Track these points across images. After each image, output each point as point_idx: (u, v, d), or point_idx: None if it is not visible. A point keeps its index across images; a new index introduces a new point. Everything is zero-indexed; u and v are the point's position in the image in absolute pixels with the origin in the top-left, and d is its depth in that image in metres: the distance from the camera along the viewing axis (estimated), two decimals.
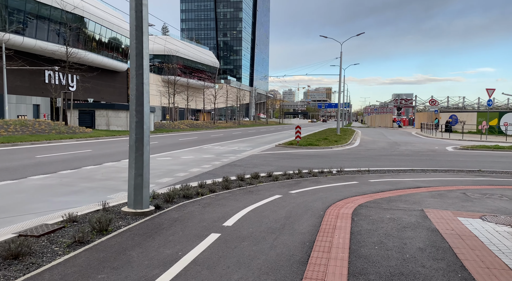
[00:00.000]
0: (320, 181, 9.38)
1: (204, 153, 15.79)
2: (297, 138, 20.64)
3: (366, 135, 36.36)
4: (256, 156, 15.29)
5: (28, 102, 46.95)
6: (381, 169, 12.34)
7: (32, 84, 46.79)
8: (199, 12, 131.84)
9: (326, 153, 17.50)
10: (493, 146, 20.01)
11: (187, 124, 44.34)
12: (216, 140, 24.71)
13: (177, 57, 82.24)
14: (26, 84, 43.37)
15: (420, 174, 11.31)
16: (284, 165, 12.96)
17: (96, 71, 53.99)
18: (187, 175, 9.95)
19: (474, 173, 11.97)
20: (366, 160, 15.28)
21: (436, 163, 14.61)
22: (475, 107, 73.57)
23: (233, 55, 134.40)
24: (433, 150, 19.76)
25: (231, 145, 20.69)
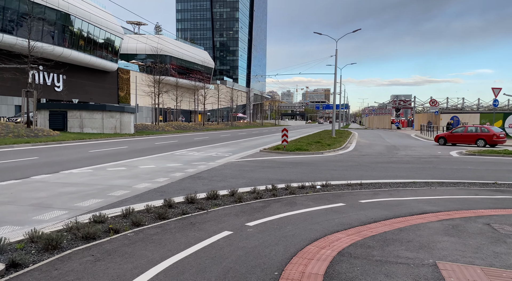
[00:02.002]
0: (295, 203, 7.23)
1: (171, 161, 13.61)
2: (284, 142, 18.49)
3: (363, 138, 34.26)
4: (232, 165, 13.14)
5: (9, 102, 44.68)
6: (376, 182, 10.21)
7: (14, 84, 44.48)
8: (195, 12, 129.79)
9: (315, 160, 15.37)
10: (503, 151, 17.91)
11: (175, 126, 42.12)
12: (198, 144, 22.53)
13: (171, 57, 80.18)
14: (7, 84, 41.10)
15: (424, 190, 9.17)
16: (261, 177, 10.81)
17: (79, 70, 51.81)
18: (126, 194, 7.77)
19: (489, 186, 9.86)
20: (360, 169, 13.15)
21: (441, 172, 12.50)
22: (474, 108, 71.65)
23: (229, 55, 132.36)
24: (436, 156, 17.65)
25: (210, 150, 18.51)
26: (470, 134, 24.39)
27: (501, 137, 23.37)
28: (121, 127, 29.01)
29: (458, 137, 24.91)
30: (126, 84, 67.48)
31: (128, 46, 73.69)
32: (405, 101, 78.15)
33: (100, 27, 53.87)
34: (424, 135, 36.85)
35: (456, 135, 25.11)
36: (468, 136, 24.41)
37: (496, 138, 23.15)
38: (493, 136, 23.20)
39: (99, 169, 11.25)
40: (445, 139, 25.61)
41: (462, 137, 24.69)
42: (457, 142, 24.98)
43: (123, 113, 29.34)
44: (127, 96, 67.24)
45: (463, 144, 24.74)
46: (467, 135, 24.49)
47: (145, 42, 75.07)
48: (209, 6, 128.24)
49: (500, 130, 24.33)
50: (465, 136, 24.57)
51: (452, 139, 25.20)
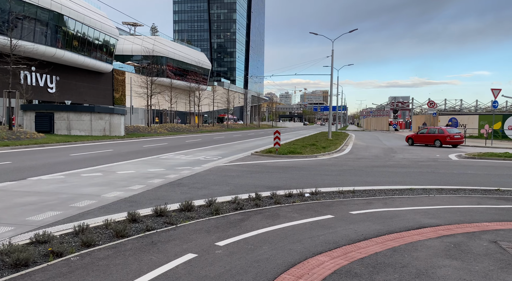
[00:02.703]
0: (278, 215, 6.47)
1: (154, 166, 12.83)
2: (276, 145, 17.73)
3: (360, 140, 33.55)
4: (218, 170, 12.38)
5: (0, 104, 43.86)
6: (370, 189, 9.47)
7: (4, 85, 43.60)
8: (192, 13, 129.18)
9: (308, 164, 14.62)
10: (503, 155, 17.21)
11: (168, 128, 41.30)
12: (188, 147, 21.75)
13: (167, 58, 79.48)
14: None
15: (422, 198, 8.44)
16: (247, 183, 10.06)
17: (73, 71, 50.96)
18: (91, 205, 6.98)
19: (491, 193, 9.13)
20: (354, 173, 12.41)
21: (440, 177, 11.77)
22: (472, 109, 71.13)
23: (227, 57, 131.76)
24: (435, 159, 16.93)
25: (199, 154, 17.73)
26: (430, 135, 25.64)
27: (455, 138, 24.59)
28: (111, 129, 28.19)
29: (422, 137, 26.22)
30: (122, 86, 66.73)
31: (124, 47, 72.96)
32: (403, 103, 77.61)
33: (94, 28, 53.09)
34: None
35: (420, 136, 26.41)
36: (428, 136, 25.69)
37: (449, 139, 24.50)
38: (446, 137, 24.57)
39: (72, 175, 10.47)
40: (412, 139, 26.97)
41: (424, 137, 26.01)
42: (421, 142, 26.20)
43: (113, 114, 28.51)
44: (123, 97, 66.47)
45: (425, 144, 26.04)
46: (428, 136, 25.75)
47: (141, 43, 74.45)
48: (206, 7, 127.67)
49: (456, 132, 25.37)
50: (426, 136, 25.88)
51: (417, 140, 26.46)
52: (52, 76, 48.04)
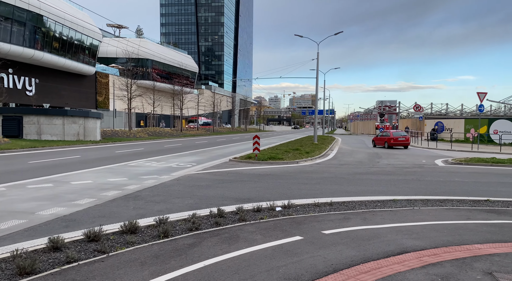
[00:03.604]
0: (238, 238, 5.52)
1: (117, 174, 11.75)
2: (255, 150, 16.80)
3: (346, 144, 32.88)
4: (187, 179, 11.37)
5: None
6: (350, 201, 8.60)
7: None
8: (179, 16, 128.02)
9: (287, 171, 13.72)
10: (491, 160, 16.61)
11: (150, 132, 40.00)
12: (164, 152, 20.65)
13: (152, 61, 78.15)
14: None
15: (406, 211, 7.59)
16: (215, 194, 9.09)
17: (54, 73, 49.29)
18: (16, 227, 5.89)
19: (481, 205, 8.36)
20: (335, 182, 11.55)
21: (426, 186, 10.99)
22: (458, 113, 71.53)
23: (214, 60, 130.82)
24: (421, 165, 16.21)
25: (173, 160, 16.66)
26: (382, 137, 28.34)
27: (399, 140, 26.78)
28: (85, 134, 26.85)
29: (378, 140, 28.86)
30: (105, 89, 65.17)
31: (108, 49, 71.45)
32: (390, 107, 77.68)
33: (76, 29, 51.56)
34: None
35: (378, 138, 29.17)
36: (381, 139, 28.36)
37: (393, 142, 26.82)
38: (391, 140, 26.91)
39: (16, 187, 9.34)
40: (374, 142, 29.29)
41: (379, 140, 28.63)
42: (378, 144, 28.57)
43: (88, 118, 27.19)
44: (106, 101, 64.90)
45: (381, 146, 28.08)
46: (381, 138, 28.50)
47: (126, 46, 72.84)
48: (193, 10, 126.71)
49: (401, 135, 27.52)
50: (380, 139, 28.57)
51: (377, 142, 28.91)
52: (31, 78, 46.36)
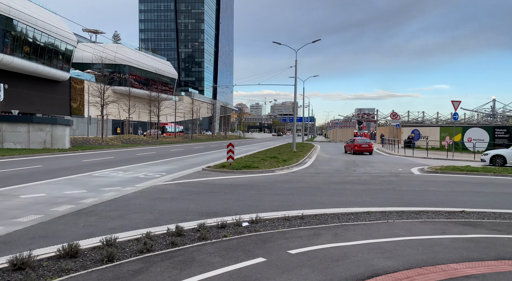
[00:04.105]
0: (193, 261, 4.92)
1: (76, 186, 10.94)
2: (229, 159, 16.23)
3: (324, 152, 32.72)
4: (152, 191, 10.68)
5: None
6: (322, 214, 8.15)
7: None
8: (159, 22, 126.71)
9: (261, 181, 13.20)
10: (465, 168, 16.60)
11: (124, 139, 38.78)
12: (135, 161, 19.77)
13: (130, 67, 76.69)
14: None
15: (380, 225, 7.18)
16: (179, 208, 8.46)
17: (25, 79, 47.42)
18: None
19: (456, 216, 8.05)
20: (309, 192, 11.11)
21: (402, 196, 10.69)
22: (434, 121, 73.12)
23: (195, 67, 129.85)
24: (397, 174, 16.02)
25: (142, 170, 15.87)
26: (350, 144, 30.67)
27: (362, 147, 28.89)
28: (53, 142, 25.57)
29: (347, 146, 31.16)
30: (80, 95, 63.27)
31: (84, 55, 69.66)
32: (368, 115, 78.72)
33: (49, 33, 49.90)
34: (385, 148, 35.93)
35: (347, 145, 31.44)
36: (349, 146, 30.53)
37: (357, 148, 28.92)
38: (355, 146, 29.07)
39: None
40: (345, 148, 31.42)
41: (348, 146, 30.90)
42: (347, 151, 30.83)
43: (56, 125, 25.94)
44: (81, 107, 63.02)
45: (350, 152, 29.87)
46: (349, 145, 30.66)
47: (102, 51, 71.14)
48: (173, 17, 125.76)
49: (365, 142, 29.70)
50: (349, 145, 30.82)
51: (347, 149, 31.13)
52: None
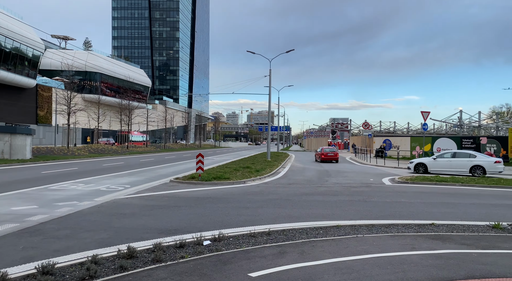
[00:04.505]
0: None
1: (27, 201, 10.09)
2: (199, 170, 15.65)
3: (298, 161, 32.62)
4: (112, 205, 9.98)
5: None
6: (290, 228, 7.77)
7: None
8: (132, 30, 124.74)
9: (230, 193, 12.72)
10: (435, 179, 16.76)
11: (92, 149, 37.25)
12: (100, 173, 18.81)
13: (101, 74, 74.71)
14: None
15: (349, 241, 6.86)
16: (138, 225, 7.84)
17: None
18: None
19: (426, 230, 7.86)
20: (279, 205, 10.73)
21: (372, 208, 10.49)
22: (405, 131, 75.10)
23: (169, 75, 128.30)
24: (368, 184, 15.94)
25: (105, 182, 15.03)
26: (318, 153, 32.83)
27: (328, 156, 31.22)
28: (12, 152, 24.07)
29: (317, 155, 33.36)
30: (47, 103, 60.83)
31: (52, 61, 67.30)
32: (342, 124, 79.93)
33: (14, 38, 47.84)
34: (358, 158, 36.26)
35: (317, 153, 33.52)
36: (318, 154, 32.80)
37: (323, 156, 31.25)
38: (322, 155, 31.40)
39: None
40: (315, 157, 33.50)
41: (317, 155, 33.05)
42: (317, 159, 32.97)
43: (15, 134, 24.46)
44: (48, 115, 60.55)
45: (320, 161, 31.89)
46: (318, 153, 32.75)
47: (72, 58, 68.97)
48: (147, 25, 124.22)
49: (331, 151, 32.07)
50: (317, 154, 32.98)
51: (316, 157, 33.40)
52: None
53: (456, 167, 20.32)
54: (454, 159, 20.70)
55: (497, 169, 19.63)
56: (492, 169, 19.57)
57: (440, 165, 20.80)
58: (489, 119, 69.76)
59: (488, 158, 20.25)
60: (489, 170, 19.56)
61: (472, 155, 20.53)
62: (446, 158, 21.00)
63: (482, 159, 19.97)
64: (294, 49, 33.65)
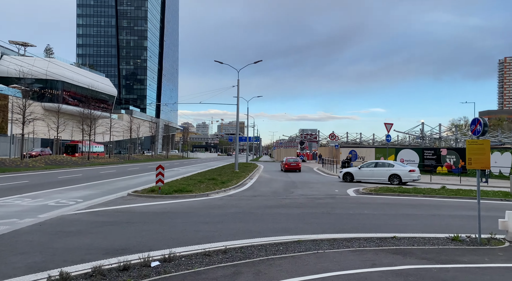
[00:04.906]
0: None
1: None
2: (159, 182, 14.93)
3: (266, 172, 32.35)
4: (56, 222, 9.14)
5: None
6: (249, 245, 7.35)
7: None
8: (98, 38, 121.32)
9: (191, 207, 12.13)
10: (398, 189, 16.95)
11: (49, 161, 35.19)
12: (52, 186, 17.58)
13: (64, 82, 71.74)
14: None
15: (309, 258, 6.52)
16: (81, 245, 7.12)
17: None
18: None
19: (388, 243, 7.68)
20: (240, 218, 10.29)
21: (335, 220, 10.27)
22: (370, 142, 77.17)
23: (137, 84, 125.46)
24: (333, 196, 15.83)
25: (56, 196, 13.98)
26: (283, 163, 35.13)
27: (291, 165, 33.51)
28: None
29: (282, 165, 35.19)
30: (3, 111, 57.42)
31: (10, 68, 63.86)
32: (311, 135, 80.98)
33: None
34: (325, 169, 36.53)
35: (282, 163, 35.68)
36: (283, 164, 35.14)
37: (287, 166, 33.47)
38: (285, 165, 33.70)
39: None
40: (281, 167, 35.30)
41: (282, 164, 34.99)
42: (282, 169, 35.05)
43: None
44: (4, 125, 57.10)
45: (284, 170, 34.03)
46: (283, 163, 35.15)
47: (32, 65, 65.80)
48: (114, 33, 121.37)
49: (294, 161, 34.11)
50: (283, 164, 35.16)
51: (282, 167, 35.33)
52: None
53: (378, 176, 21.75)
54: (375, 168, 22.12)
55: (411, 177, 21.08)
56: (407, 178, 21.04)
57: (364, 174, 22.15)
58: (449, 131, 73.13)
59: (404, 168, 21.69)
60: (404, 178, 21.00)
61: (390, 164, 22.11)
62: (369, 168, 22.36)
63: (398, 169, 21.44)
64: (262, 60, 33.73)
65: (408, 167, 22.13)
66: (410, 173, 21.09)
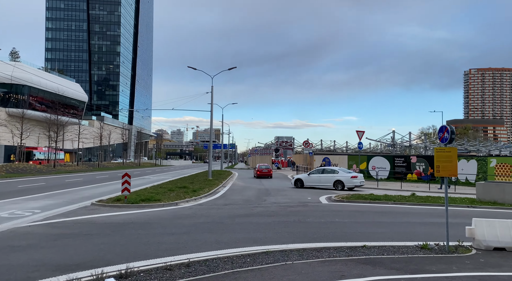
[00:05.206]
0: None
1: None
2: (125, 191, 14.27)
3: (241, 180, 31.96)
4: (6, 236, 8.43)
5: None
6: (215, 257, 6.97)
7: None
8: (68, 42, 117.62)
9: (158, 217, 11.59)
10: (369, 197, 17.00)
11: (11, 169, 33.37)
12: (10, 195, 16.47)
13: (30, 87, 68.80)
14: None
15: (276, 270, 6.23)
16: (27, 260, 6.52)
17: None
18: None
19: (358, 253, 7.50)
20: (209, 229, 9.88)
21: (306, 229, 10.05)
22: (344, 150, 78.40)
23: (109, 90, 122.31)
24: (305, 203, 15.66)
25: (11, 206, 13.03)
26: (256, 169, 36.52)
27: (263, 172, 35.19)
28: None
29: (255, 171, 36.47)
30: None
31: None
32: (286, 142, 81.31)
33: None
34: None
35: (255, 170, 36.74)
36: (256, 170, 36.32)
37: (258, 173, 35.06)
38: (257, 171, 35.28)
39: None
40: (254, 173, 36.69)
41: (255, 171, 36.37)
42: (255, 175, 36.00)
43: None
44: None
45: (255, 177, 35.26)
46: (255, 170, 36.60)
47: None
48: (86, 37, 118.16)
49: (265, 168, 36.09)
50: (255, 170, 36.45)
51: (255, 173, 36.32)
52: None
53: (324, 182, 22.44)
54: (322, 175, 22.83)
55: (354, 183, 21.88)
56: (349, 183, 21.81)
57: (313, 180, 22.91)
58: (419, 140, 75.29)
59: (347, 174, 22.47)
60: (347, 185, 21.78)
61: (335, 171, 22.79)
62: (317, 174, 23.11)
63: (342, 175, 22.20)
64: (237, 67, 33.53)
65: (351, 173, 22.83)
66: (352, 179, 21.82)
